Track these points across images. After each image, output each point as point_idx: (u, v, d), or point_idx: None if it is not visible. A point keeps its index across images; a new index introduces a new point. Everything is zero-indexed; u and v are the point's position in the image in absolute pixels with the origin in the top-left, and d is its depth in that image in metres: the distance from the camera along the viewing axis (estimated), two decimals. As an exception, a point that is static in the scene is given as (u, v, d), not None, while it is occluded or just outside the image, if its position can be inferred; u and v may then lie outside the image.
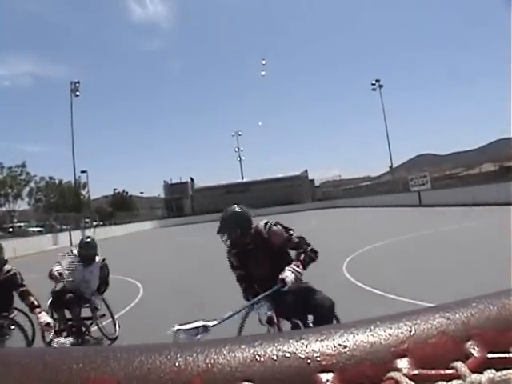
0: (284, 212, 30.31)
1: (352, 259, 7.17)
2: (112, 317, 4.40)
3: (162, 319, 4.75)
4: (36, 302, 3.39)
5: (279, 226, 2.54)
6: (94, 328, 4.14)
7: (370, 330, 0.24)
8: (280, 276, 2.27)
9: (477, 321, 0.24)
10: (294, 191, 46.22)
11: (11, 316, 3.57)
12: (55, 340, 3.27)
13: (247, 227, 2.56)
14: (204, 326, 1.83)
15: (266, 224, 2.54)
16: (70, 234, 24.90)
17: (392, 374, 0.22)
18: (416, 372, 0.22)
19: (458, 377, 0.21)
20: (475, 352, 0.23)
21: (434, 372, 0.22)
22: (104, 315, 4.31)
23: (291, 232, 2.53)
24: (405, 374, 0.21)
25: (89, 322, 4.09)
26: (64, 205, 39.87)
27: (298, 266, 2.34)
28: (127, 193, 54.19)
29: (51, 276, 3.83)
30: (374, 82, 41.96)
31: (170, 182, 51.98)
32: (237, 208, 2.64)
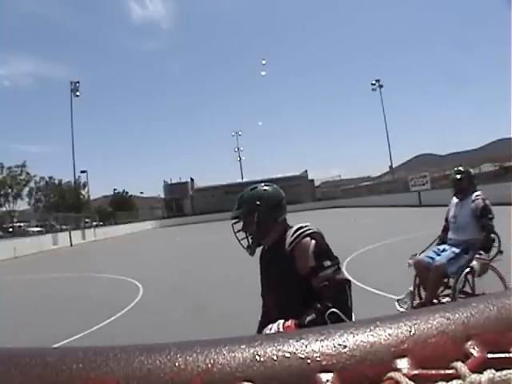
0: (284, 212, 30.18)
1: (352, 259, 7.17)
2: None
3: (162, 319, 4.77)
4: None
5: (313, 243, 1.52)
6: None
7: (370, 330, 0.24)
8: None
9: (477, 321, 0.24)
10: (293, 191, 46.09)
11: None
12: None
13: (270, 217, 1.67)
14: None
15: (297, 230, 1.60)
16: (70, 234, 24.90)
17: (392, 374, 0.22)
18: (416, 372, 0.22)
19: (457, 377, 0.21)
20: (475, 352, 0.23)
21: (433, 372, 0.22)
22: None
23: (326, 263, 1.47)
24: (405, 374, 0.21)
25: None
26: (64, 205, 39.97)
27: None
28: (127, 193, 54.35)
29: None
30: (374, 82, 42.01)
31: (169, 182, 51.96)
32: (267, 186, 1.74)
